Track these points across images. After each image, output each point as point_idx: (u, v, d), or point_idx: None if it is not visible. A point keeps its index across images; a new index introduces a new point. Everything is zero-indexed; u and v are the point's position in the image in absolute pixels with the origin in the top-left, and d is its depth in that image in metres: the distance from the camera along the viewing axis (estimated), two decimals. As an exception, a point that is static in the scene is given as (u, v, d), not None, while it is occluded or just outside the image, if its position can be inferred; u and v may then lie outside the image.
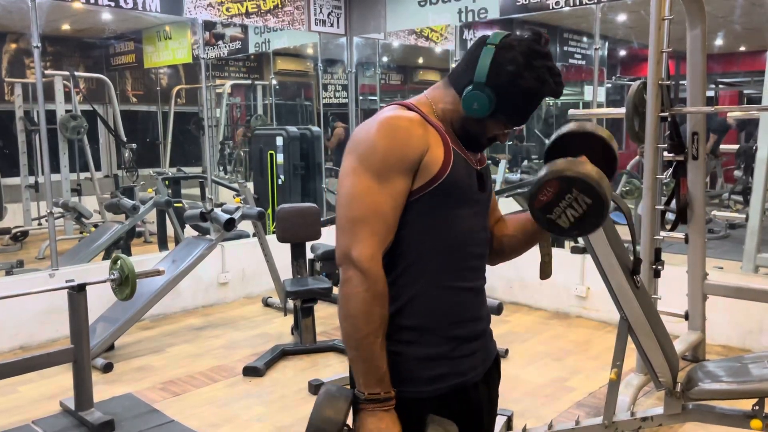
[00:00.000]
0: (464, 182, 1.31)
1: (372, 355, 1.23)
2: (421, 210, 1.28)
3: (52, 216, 4.49)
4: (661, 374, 2.53)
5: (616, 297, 2.46)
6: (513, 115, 1.32)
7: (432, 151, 1.27)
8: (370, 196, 1.23)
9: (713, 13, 6.47)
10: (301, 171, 6.29)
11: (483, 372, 1.40)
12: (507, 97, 1.28)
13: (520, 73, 1.27)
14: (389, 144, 1.24)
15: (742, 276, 4.53)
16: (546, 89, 1.30)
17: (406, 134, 1.25)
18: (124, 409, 3.30)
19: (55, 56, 8.70)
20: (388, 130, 1.25)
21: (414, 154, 1.25)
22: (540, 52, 1.30)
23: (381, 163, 1.23)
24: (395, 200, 1.25)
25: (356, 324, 1.22)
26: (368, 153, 1.25)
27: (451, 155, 1.29)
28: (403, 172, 1.24)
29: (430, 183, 1.26)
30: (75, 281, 3.11)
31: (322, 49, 6.31)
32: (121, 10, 4.75)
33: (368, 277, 1.21)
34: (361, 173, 1.24)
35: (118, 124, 7.57)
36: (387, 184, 1.23)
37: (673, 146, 3.29)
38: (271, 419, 3.23)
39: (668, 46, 3.09)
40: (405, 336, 1.29)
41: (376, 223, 1.23)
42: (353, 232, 1.23)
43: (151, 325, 4.69)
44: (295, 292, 3.98)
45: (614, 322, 2.93)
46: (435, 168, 1.26)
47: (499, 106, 1.28)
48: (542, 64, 1.29)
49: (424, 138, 1.26)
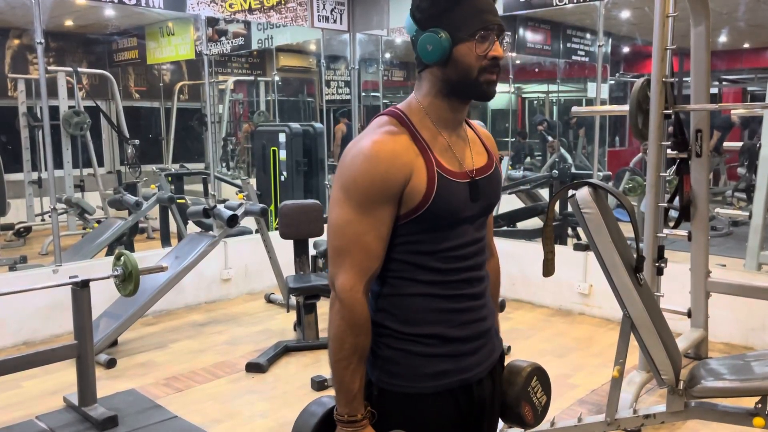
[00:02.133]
0: (451, 205, 1.28)
1: (342, 379, 1.27)
2: (408, 233, 1.28)
3: (55, 212, 4.50)
4: (663, 371, 2.53)
5: (619, 294, 2.46)
6: (465, 26, 1.23)
7: (415, 179, 1.24)
8: (351, 228, 1.24)
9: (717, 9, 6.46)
10: (303, 167, 6.29)
11: (488, 368, 1.40)
12: (441, 16, 1.23)
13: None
14: (370, 177, 1.22)
15: (745, 273, 4.53)
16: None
17: (389, 165, 1.23)
18: (127, 405, 3.31)
19: (58, 52, 8.71)
20: (371, 160, 1.23)
21: (396, 184, 1.23)
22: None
23: (362, 195, 1.23)
24: (378, 230, 1.25)
25: (332, 348, 1.28)
26: (350, 184, 1.24)
27: (434, 180, 1.26)
28: (386, 202, 1.24)
29: (414, 210, 1.26)
30: (78, 277, 3.12)
31: (325, 45, 6.30)
32: (125, 6, 4.75)
33: (345, 306, 1.25)
34: (344, 203, 1.25)
35: (121, 120, 7.58)
36: (369, 214, 1.24)
37: (676, 143, 3.28)
38: (273, 415, 3.23)
39: (672, 43, 3.08)
40: (406, 338, 1.31)
41: (358, 255, 1.25)
42: (337, 262, 1.26)
43: (154, 321, 4.70)
44: (297, 289, 3.98)
45: (617, 319, 2.93)
46: (418, 197, 1.25)
47: (447, 30, 1.23)
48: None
49: (407, 166, 1.24)
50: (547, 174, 6.49)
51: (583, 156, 9.07)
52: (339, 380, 1.28)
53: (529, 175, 7.08)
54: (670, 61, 3.11)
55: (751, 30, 8.54)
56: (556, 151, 8.07)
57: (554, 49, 8.22)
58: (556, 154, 8.03)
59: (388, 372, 1.32)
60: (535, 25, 7.89)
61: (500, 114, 10.33)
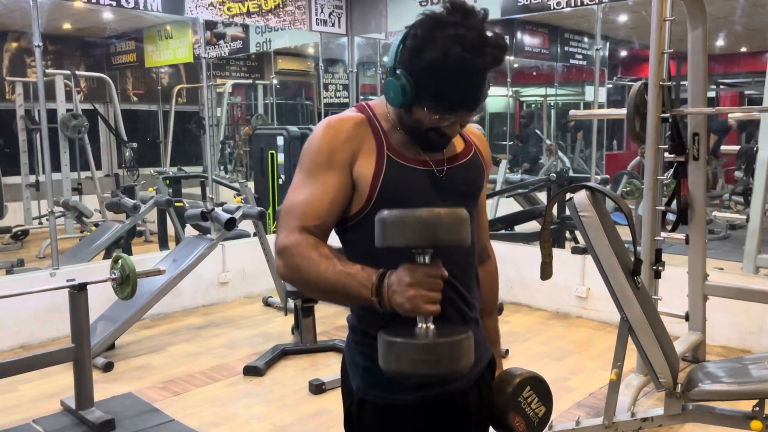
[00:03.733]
0: (408, 191, 1.23)
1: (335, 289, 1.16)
2: (363, 234, 1.22)
3: (52, 215, 4.49)
4: (661, 375, 2.53)
5: (616, 297, 2.46)
6: (435, 97, 1.17)
7: (362, 160, 1.23)
8: (295, 192, 1.25)
9: (714, 13, 6.48)
10: (301, 171, 6.29)
11: (473, 378, 1.35)
12: (418, 77, 1.16)
13: (419, 46, 1.14)
14: (317, 145, 1.25)
15: (742, 277, 4.53)
16: (451, 60, 1.12)
17: (335, 133, 1.24)
18: (124, 408, 3.30)
19: (57, 55, 8.71)
20: (319, 133, 1.26)
21: (341, 152, 1.23)
22: (445, 21, 1.13)
23: (310, 163, 1.25)
24: (322, 191, 1.23)
25: (300, 286, 1.21)
26: (303, 158, 1.27)
27: (383, 165, 1.23)
28: (332, 168, 1.23)
29: (365, 205, 1.23)
30: (76, 280, 3.11)
31: (323, 48, 6.31)
32: (123, 10, 4.75)
33: (284, 249, 1.19)
34: (296, 176, 1.27)
35: (119, 123, 7.58)
36: (314, 178, 1.24)
37: (674, 147, 3.29)
38: (271, 418, 3.23)
39: (669, 47, 3.09)
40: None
41: (298, 210, 1.23)
42: (280, 224, 1.24)
43: (151, 324, 4.69)
44: (295, 292, 3.98)
45: (614, 322, 2.93)
46: (367, 180, 1.23)
47: (415, 90, 1.18)
48: (446, 34, 1.12)
49: (355, 140, 1.24)
50: (544, 177, 6.49)
51: (581, 159, 9.09)
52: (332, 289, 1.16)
53: (527, 179, 7.09)
54: (667, 64, 3.12)
55: (748, 34, 8.56)
56: (554, 154, 8.08)
57: (552, 53, 8.24)
58: (553, 157, 8.05)
59: (367, 382, 1.29)
60: (532, 29, 7.92)
61: (498, 118, 10.34)
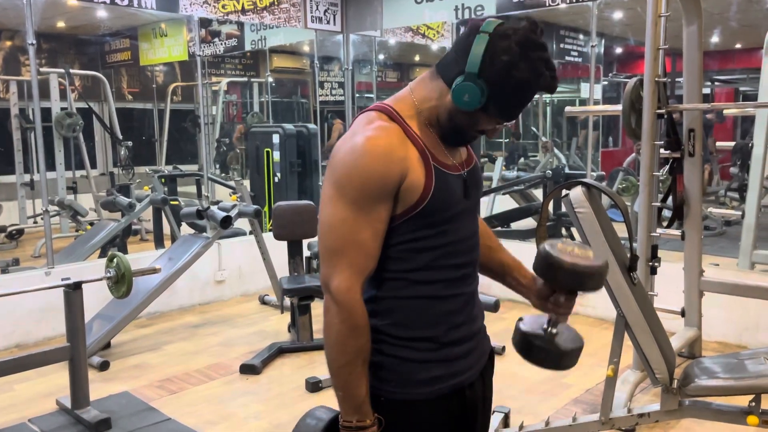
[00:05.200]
0: (448, 200, 1.27)
1: (347, 384, 1.23)
2: (404, 233, 1.25)
3: (47, 214, 4.48)
4: (657, 371, 2.54)
5: (613, 294, 2.47)
6: (505, 109, 1.25)
7: (412, 175, 1.22)
8: (346, 227, 1.20)
9: (709, 10, 6.48)
10: (297, 168, 6.28)
11: (479, 370, 1.40)
12: (500, 90, 1.21)
13: (515, 64, 1.19)
14: (366, 174, 1.19)
15: (738, 273, 4.54)
16: (541, 82, 1.22)
17: (385, 160, 1.19)
18: (120, 407, 3.29)
19: (51, 53, 8.67)
20: (365, 156, 1.19)
21: (392, 181, 1.20)
22: (536, 42, 1.22)
23: (358, 193, 1.19)
24: (374, 228, 1.22)
25: (332, 354, 1.23)
26: (344, 182, 1.20)
27: (432, 176, 1.24)
28: (382, 200, 1.21)
29: (411, 209, 1.23)
30: (71, 279, 3.10)
31: (319, 46, 6.29)
32: (117, 7, 4.73)
33: (343, 309, 1.20)
34: (338, 202, 1.21)
35: (114, 121, 7.55)
36: (364, 213, 1.20)
37: (669, 143, 3.29)
38: (268, 417, 3.22)
39: (665, 43, 3.09)
40: (399, 344, 1.29)
41: (354, 254, 1.21)
42: (332, 263, 1.22)
43: (147, 323, 4.68)
44: (291, 290, 3.97)
45: (611, 318, 2.93)
46: (416, 194, 1.23)
47: (491, 98, 1.21)
48: (538, 56, 1.21)
49: (403, 162, 1.21)
50: (540, 174, 6.49)
51: (577, 156, 9.09)
52: (344, 386, 1.23)
53: (522, 176, 7.10)
54: (662, 61, 3.12)
55: (743, 30, 8.57)
56: (549, 151, 8.08)
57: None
58: (549, 154, 8.05)
59: (379, 378, 1.30)
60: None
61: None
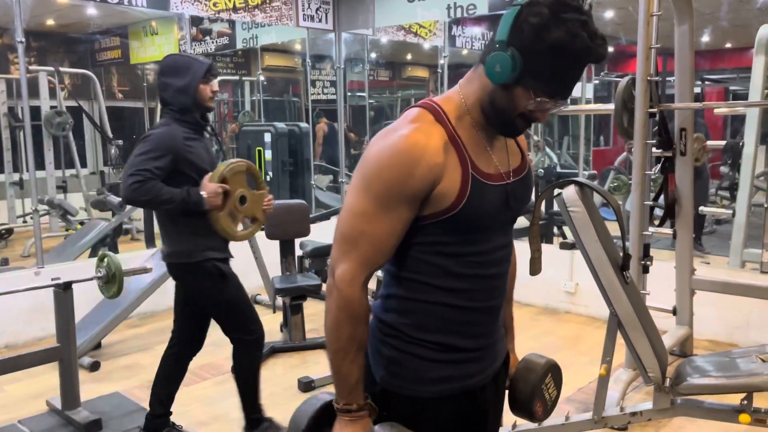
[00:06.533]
0: (482, 212, 1.22)
1: (339, 369, 1.25)
2: (431, 234, 1.23)
3: (37, 213, 4.44)
4: (650, 369, 2.54)
5: (605, 292, 2.47)
6: (544, 79, 1.14)
7: (446, 182, 1.17)
8: (365, 219, 1.18)
9: (700, 9, 6.51)
10: (289, 167, 6.27)
11: (492, 374, 1.38)
12: (533, 57, 1.11)
13: (545, 25, 1.10)
14: (396, 173, 1.15)
15: (729, 271, 4.57)
16: (579, 44, 1.11)
17: (417, 164, 1.15)
18: (111, 408, 3.27)
19: (40, 52, 8.60)
20: (399, 156, 1.15)
21: (422, 185, 1.16)
22: (570, 4, 1.12)
23: (384, 191, 1.16)
24: (392, 226, 1.19)
25: (329, 338, 1.25)
26: (373, 176, 1.17)
27: (468, 183, 1.19)
28: (408, 202, 1.17)
29: (444, 212, 1.19)
30: (61, 279, 3.08)
31: (310, 44, 6.28)
32: (107, 5, 4.70)
33: (342, 297, 1.21)
34: (362, 193, 1.18)
35: (104, 120, 7.49)
36: (386, 210, 1.17)
37: (661, 142, 3.31)
38: (260, 417, 3.20)
39: (657, 42, 3.10)
40: (414, 342, 1.28)
41: (365, 248, 1.20)
42: (342, 250, 1.21)
43: (138, 323, 4.65)
44: (284, 290, 3.96)
45: (603, 317, 2.94)
46: (448, 201, 1.18)
47: (526, 67, 1.12)
48: (573, 17, 1.11)
49: (438, 167, 1.16)
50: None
51: (568, 155, 9.12)
52: (337, 370, 1.25)
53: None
54: (654, 60, 3.13)
55: (733, 30, 8.62)
56: (541, 150, 8.10)
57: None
58: (541, 153, 8.07)
59: (391, 372, 1.30)
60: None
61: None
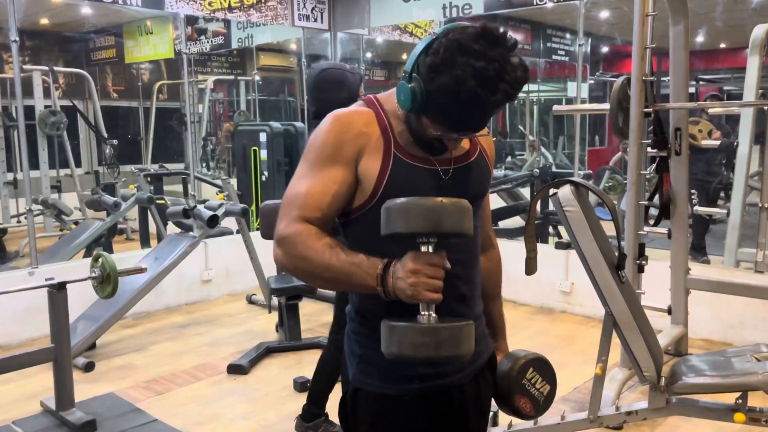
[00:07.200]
0: (413, 190, 1.18)
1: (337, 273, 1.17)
2: (367, 226, 1.22)
3: (31, 213, 4.42)
4: (645, 368, 2.54)
5: (601, 292, 2.47)
6: (439, 115, 1.18)
7: (369, 155, 1.23)
8: (299, 183, 1.25)
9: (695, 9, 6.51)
10: (284, 167, 6.25)
11: (472, 374, 1.36)
12: (430, 93, 1.15)
13: (435, 67, 1.13)
14: (323, 138, 1.25)
15: (723, 270, 4.58)
16: (463, 93, 1.11)
17: (343, 128, 1.24)
18: (106, 409, 3.26)
19: (34, 51, 8.56)
20: (327, 126, 1.25)
21: (349, 148, 1.23)
22: (469, 48, 1.10)
23: (315, 156, 1.25)
24: (325, 185, 1.22)
25: (309, 281, 1.25)
26: (310, 148, 1.27)
27: (389, 163, 1.23)
28: (337, 162, 1.23)
29: (369, 200, 1.23)
30: (55, 279, 3.07)
31: (306, 44, 6.27)
32: (102, 4, 4.68)
33: (283, 244, 1.20)
34: (301, 163, 1.27)
35: (99, 119, 7.47)
36: (318, 171, 1.23)
37: (656, 142, 3.31)
38: (255, 417, 3.20)
39: (652, 42, 3.11)
40: (379, 339, 1.24)
41: (299, 204, 1.22)
42: (282, 213, 1.24)
43: (133, 323, 4.64)
44: (279, 289, 3.95)
45: (598, 317, 2.95)
46: (371, 183, 1.23)
47: (426, 102, 1.17)
48: (466, 62, 1.09)
49: (363, 136, 1.24)
50: (528, 173, 6.51)
51: (563, 155, 9.14)
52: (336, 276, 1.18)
53: (510, 174, 7.11)
54: (649, 59, 3.13)
55: (728, 30, 8.64)
56: (536, 150, 8.11)
57: (534, 49, 8.25)
58: (536, 153, 8.08)
59: (361, 371, 1.30)
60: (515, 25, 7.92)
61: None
